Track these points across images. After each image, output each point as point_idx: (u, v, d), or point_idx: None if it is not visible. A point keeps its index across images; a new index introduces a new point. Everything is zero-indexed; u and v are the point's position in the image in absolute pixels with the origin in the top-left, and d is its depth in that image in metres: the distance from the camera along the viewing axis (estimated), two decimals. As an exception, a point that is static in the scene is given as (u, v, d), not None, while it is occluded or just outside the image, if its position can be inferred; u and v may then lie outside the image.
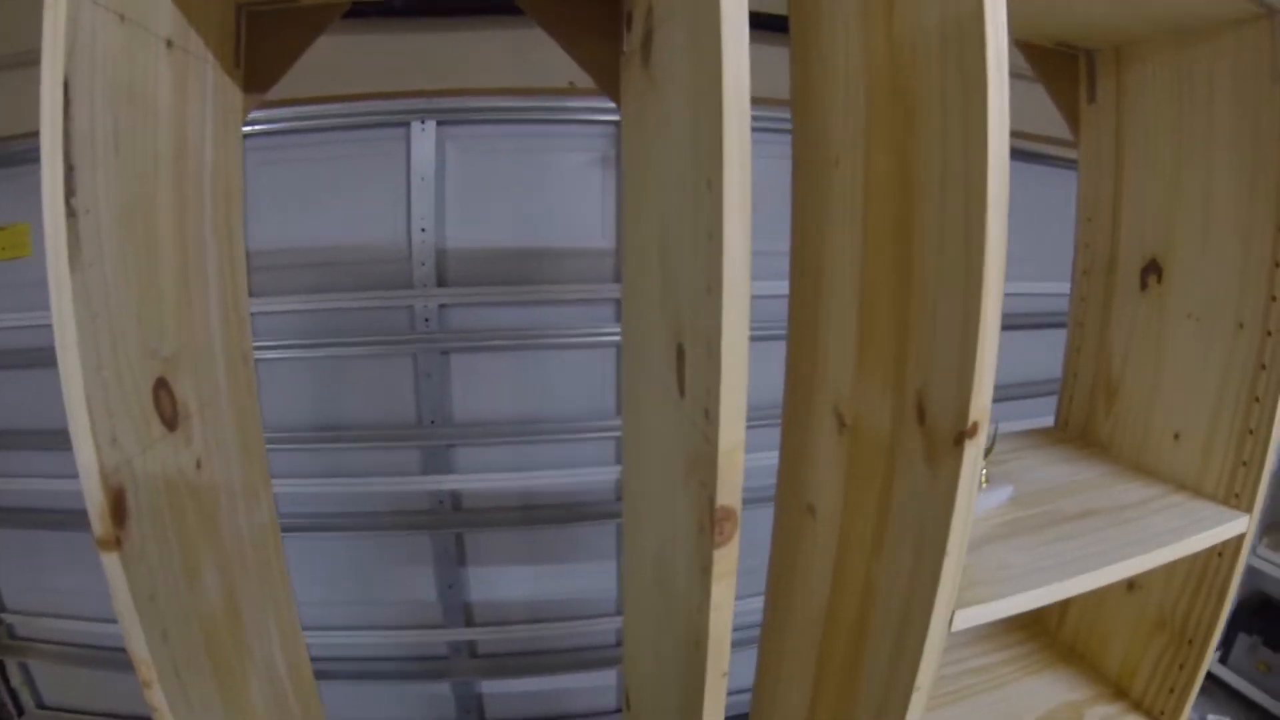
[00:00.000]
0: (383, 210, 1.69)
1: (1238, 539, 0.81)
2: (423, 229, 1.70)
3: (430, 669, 1.99)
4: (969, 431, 0.53)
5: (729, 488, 0.52)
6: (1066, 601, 0.97)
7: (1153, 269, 0.88)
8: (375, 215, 1.69)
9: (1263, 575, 1.93)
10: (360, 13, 1.50)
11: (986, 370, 0.52)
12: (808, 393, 0.78)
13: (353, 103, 1.61)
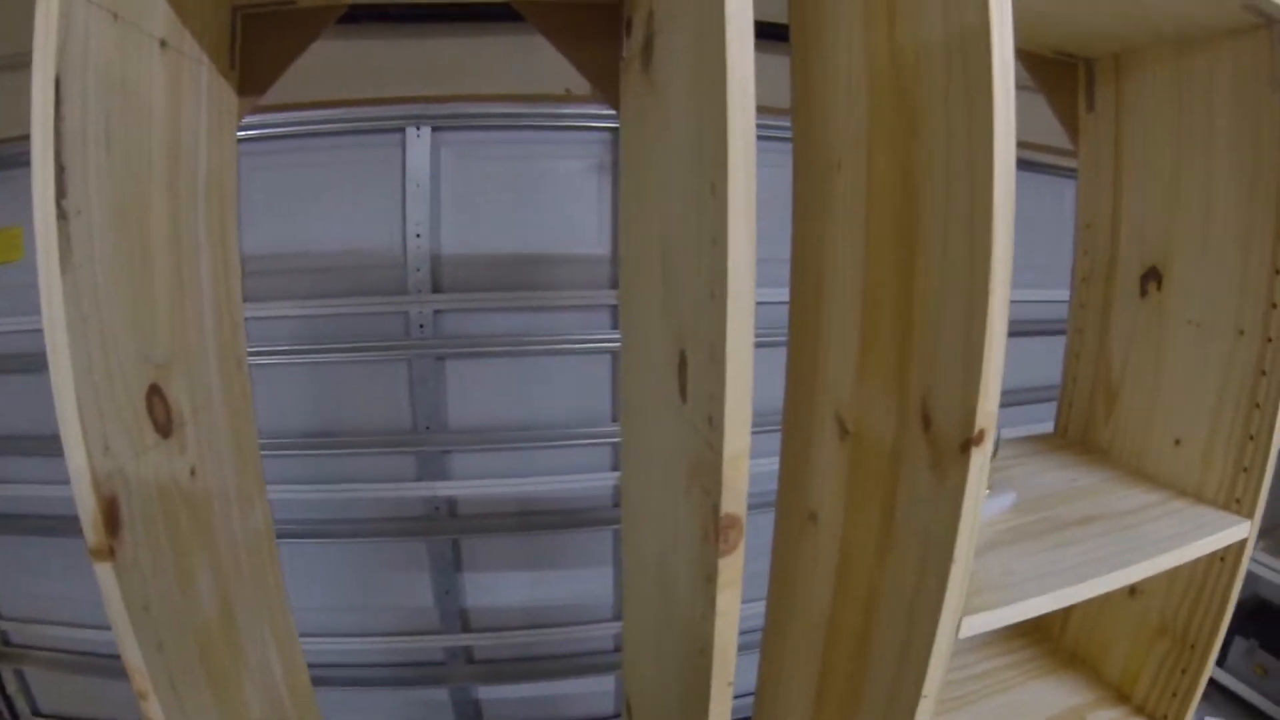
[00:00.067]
0: (378, 216, 1.68)
1: (1239, 544, 0.81)
2: (418, 234, 1.70)
3: (427, 675, 1.98)
4: (975, 439, 0.53)
5: (734, 495, 0.51)
6: (1069, 607, 0.97)
7: (1152, 276, 0.88)
8: (370, 221, 1.68)
9: (1259, 579, 1.93)
10: (355, 17, 1.50)
11: (993, 376, 0.52)
12: (809, 399, 0.78)
13: (348, 108, 1.60)
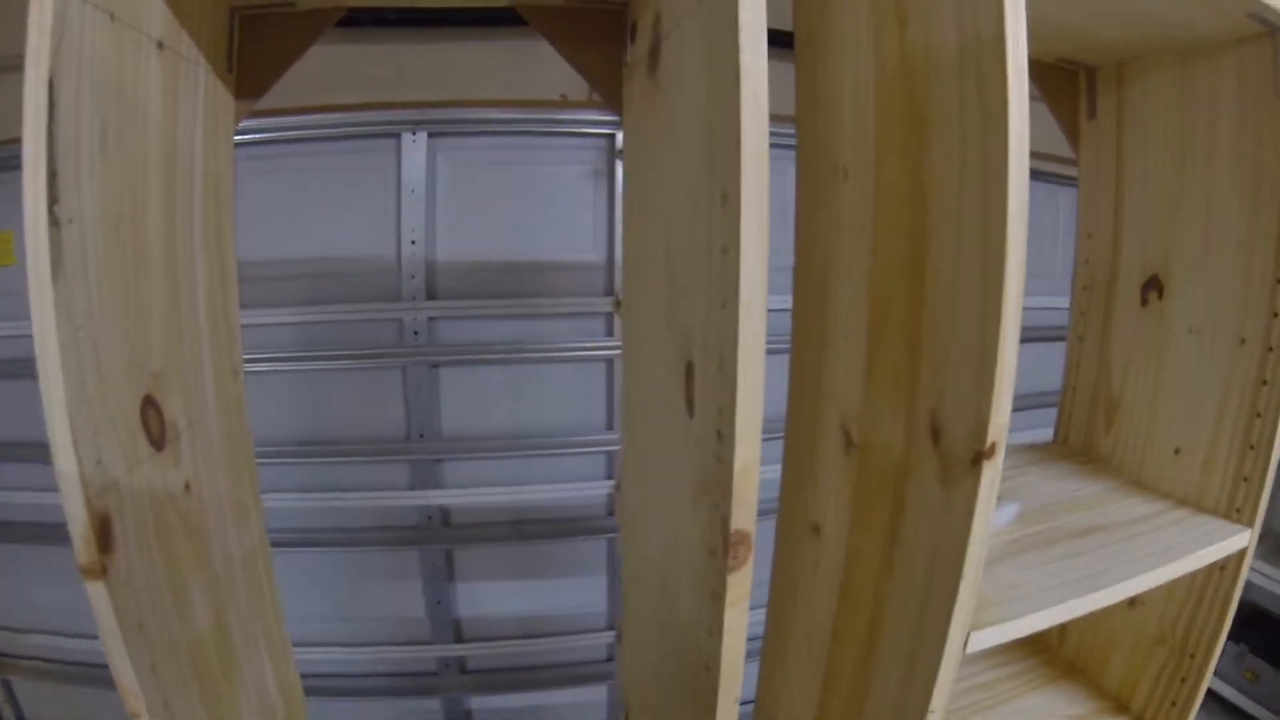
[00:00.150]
0: (372, 222, 1.67)
1: (1239, 553, 0.81)
2: (413, 241, 1.68)
3: (419, 685, 1.96)
4: (987, 452, 0.52)
5: (744, 511, 0.50)
6: (1068, 617, 0.97)
7: (1153, 285, 0.88)
8: (365, 227, 1.67)
9: (1250, 584, 1.94)
10: (351, 21, 1.48)
11: (1005, 389, 0.51)
12: (813, 410, 0.77)
13: (343, 113, 1.59)
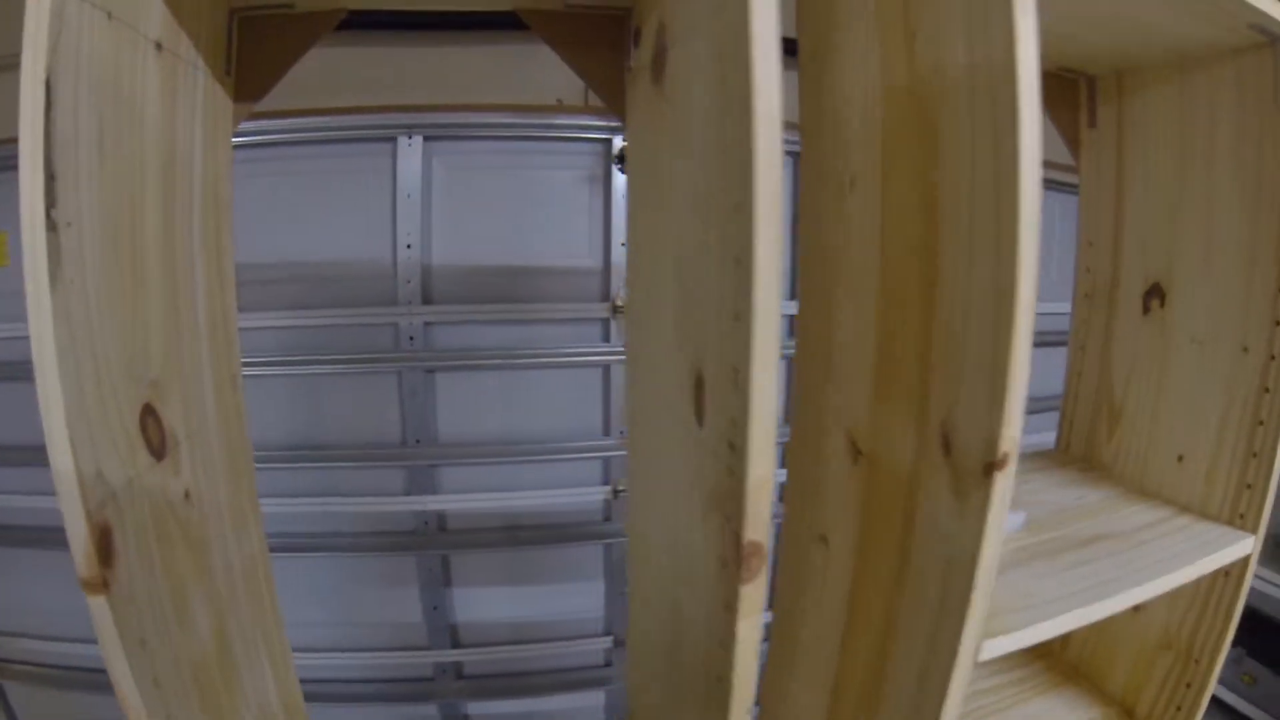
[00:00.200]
0: (368, 226, 1.66)
1: (1244, 559, 0.82)
2: (408, 245, 1.67)
3: (416, 691, 1.95)
4: (999, 463, 0.52)
5: (757, 523, 0.50)
6: (1070, 623, 0.97)
7: (1155, 293, 0.88)
8: (360, 230, 1.66)
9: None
10: (347, 24, 1.47)
11: (1018, 400, 0.51)
12: (817, 419, 0.77)
13: (338, 116, 1.58)
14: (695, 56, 0.56)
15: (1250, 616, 1.97)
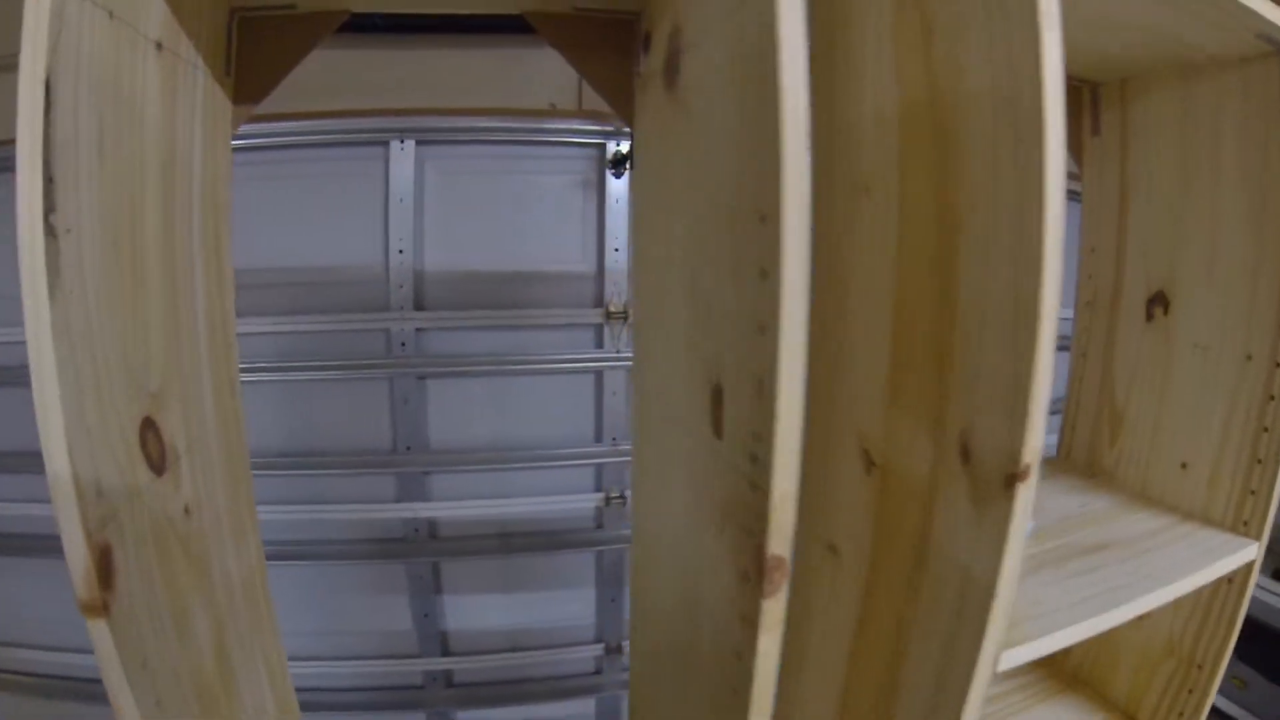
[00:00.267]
0: (360, 230, 1.64)
1: (1248, 566, 0.82)
2: (400, 250, 1.66)
3: (405, 699, 1.93)
4: (1021, 474, 0.52)
5: (780, 537, 0.49)
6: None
7: (1159, 300, 0.88)
8: (352, 235, 1.64)
9: (1233, 591, 1.98)
10: (342, 27, 1.45)
11: (1040, 411, 0.51)
12: (827, 428, 0.76)
13: (330, 120, 1.56)
14: (714, 61, 0.55)
15: (1243, 622, 2.00)
